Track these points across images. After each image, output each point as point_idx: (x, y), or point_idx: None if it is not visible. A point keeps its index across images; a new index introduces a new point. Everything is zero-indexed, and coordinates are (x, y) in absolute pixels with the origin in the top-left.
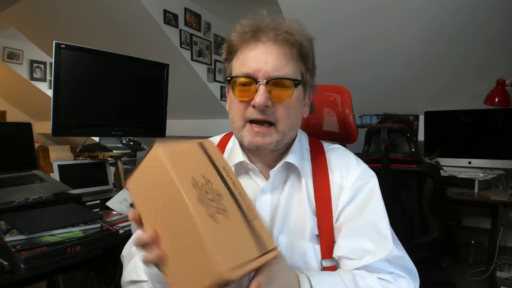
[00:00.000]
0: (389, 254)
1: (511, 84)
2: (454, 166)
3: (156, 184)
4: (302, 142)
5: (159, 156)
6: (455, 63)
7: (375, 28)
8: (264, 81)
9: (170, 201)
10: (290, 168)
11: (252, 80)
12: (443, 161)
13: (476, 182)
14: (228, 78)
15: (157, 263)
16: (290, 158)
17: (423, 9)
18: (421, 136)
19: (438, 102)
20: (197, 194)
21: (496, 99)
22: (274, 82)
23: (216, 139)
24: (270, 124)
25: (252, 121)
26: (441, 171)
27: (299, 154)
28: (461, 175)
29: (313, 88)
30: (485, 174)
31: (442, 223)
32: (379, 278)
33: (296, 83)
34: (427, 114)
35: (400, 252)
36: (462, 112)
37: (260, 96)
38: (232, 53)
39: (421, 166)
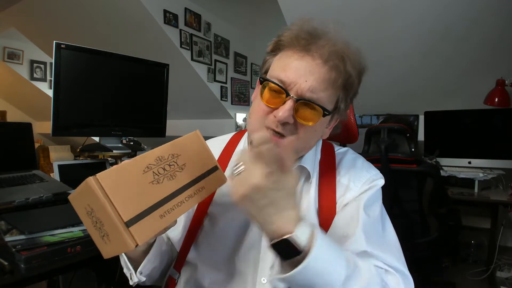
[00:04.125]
0: (354, 242)
1: (511, 84)
2: (454, 166)
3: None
4: (316, 145)
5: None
6: (455, 63)
7: (376, 29)
8: (295, 97)
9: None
10: (303, 171)
11: (284, 91)
12: (443, 161)
13: (476, 182)
14: (261, 78)
15: None
16: (304, 162)
17: (425, 11)
18: (421, 136)
19: (438, 102)
20: (167, 180)
21: (496, 99)
22: (304, 103)
23: (225, 138)
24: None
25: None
26: (441, 171)
27: (312, 157)
28: (461, 175)
29: (344, 116)
30: (485, 174)
31: (442, 223)
32: (375, 265)
33: (325, 113)
34: (427, 114)
35: (384, 250)
36: (462, 112)
37: (283, 111)
38: (277, 49)
39: (421, 166)
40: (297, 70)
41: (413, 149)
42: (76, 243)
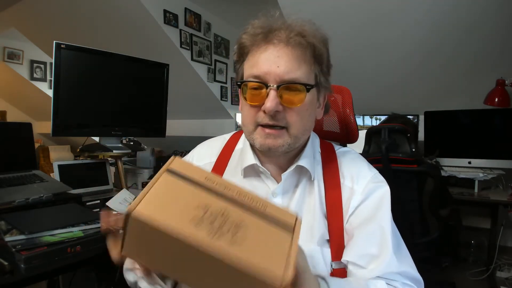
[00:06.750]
0: (388, 265)
1: (511, 84)
2: (454, 166)
3: (159, 245)
4: (314, 145)
5: (141, 218)
6: (455, 63)
7: (376, 30)
8: (275, 85)
9: (184, 254)
10: (302, 172)
11: (262, 84)
12: (443, 161)
13: (476, 182)
14: (239, 83)
15: None
16: (303, 161)
17: (425, 11)
18: (421, 136)
19: (438, 102)
20: (205, 232)
21: (496, 99)
22: (286, 87)
23: (225, 137)
24: (282, 127)
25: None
26: (441, 171)
27: (311, 157)
28: (461, 175)
29: (328, 88)
30: (485, 174)
31: (442, 223)
32: (388, 284)
33: (308, 87)
34: (427, 114)
35: (402, 262)
36: (462, 112)
37: (270, 102)
38: (243, 55)
39: (422, 166)
40: (266, 61)
41: (413, 149)
42: (76, 243)
